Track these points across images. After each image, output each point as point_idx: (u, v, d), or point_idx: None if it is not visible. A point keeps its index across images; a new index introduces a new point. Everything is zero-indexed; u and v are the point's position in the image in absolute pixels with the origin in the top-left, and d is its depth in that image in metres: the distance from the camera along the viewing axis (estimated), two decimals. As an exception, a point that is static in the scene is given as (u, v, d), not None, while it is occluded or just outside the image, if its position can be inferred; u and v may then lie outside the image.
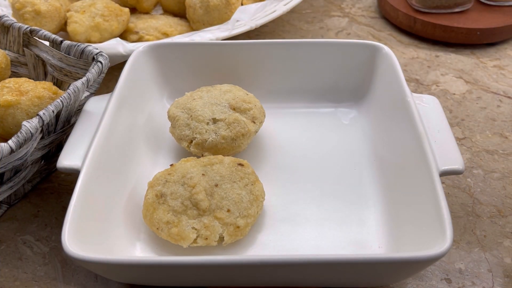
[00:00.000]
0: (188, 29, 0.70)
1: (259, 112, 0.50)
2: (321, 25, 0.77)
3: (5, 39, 0.55)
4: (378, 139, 0.51)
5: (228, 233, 0.41)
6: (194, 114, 0.49)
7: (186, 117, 0.49)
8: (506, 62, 0.68)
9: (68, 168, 0.42)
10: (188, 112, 0.49)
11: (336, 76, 0.56)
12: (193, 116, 0.49)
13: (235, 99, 0.50)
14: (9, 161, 0.41)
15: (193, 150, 0.48)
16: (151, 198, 0.42)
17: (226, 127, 0.48)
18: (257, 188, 0.43)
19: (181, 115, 0.49)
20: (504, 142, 0.55)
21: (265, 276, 0.36)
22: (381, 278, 0.38)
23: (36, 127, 0.41)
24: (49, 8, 0.62)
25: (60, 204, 0.49)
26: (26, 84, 0.47)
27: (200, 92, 0.52)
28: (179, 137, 0.49)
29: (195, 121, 0.48)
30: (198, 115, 0.48)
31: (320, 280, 0.37)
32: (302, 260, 0.33)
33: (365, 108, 0.55)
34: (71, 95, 0.44)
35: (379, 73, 0.53)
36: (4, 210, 0.48)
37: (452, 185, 0.50)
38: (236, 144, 0.48)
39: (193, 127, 0.48)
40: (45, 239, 0.46)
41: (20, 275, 0.43)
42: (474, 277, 0.42)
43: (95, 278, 0.42)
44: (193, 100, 0.50)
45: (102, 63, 0.48)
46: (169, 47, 0.55)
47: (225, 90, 0.51)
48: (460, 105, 0.61)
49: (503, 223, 0.46)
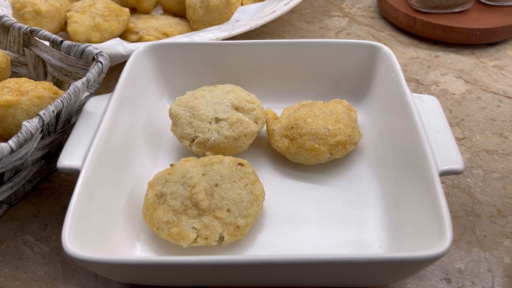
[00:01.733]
0: (188, 29, 0.70)
1: (261, 113, 0.50)
2: (321, 25, 0.77)
3: (5, 39, 0.55)
4: (378, 139, 0.51)
5: (228, 233, 0.41)
6: (196, 112, 0.48)
7: (188, 116, 0.49)
8: (506, 62, 0.68)
9: (68, 168, 0.42)
10: (191, 111, 0.49)
11: (336, 76, 0.56)
12: (196, 114, 0.48)
13: (238, 99, 0.50)
14: (9, 161, 0.41)
15: (194, 149, 0.48)
16: (151, 198, 0.42)
17: (229, 126, 0.47)
18: (257, 188, 0.43)
19: (183, 113, 0.49)
20: (504, 142, 0.55)
21: (265, 276, 0.36)
22: (381, 278, 0.38)
23: (36, 127, 0.41)
24: (49, 8, 0.62)
25: (60, 204, 0.49)
26: (26, 84, 0.47)
27: (202, 91, 0.51)
28: (181, 135, 0.49)
29: (197, 119, 0.48)
30: (200, 113, 0.48)
31: (320, 280, 0.37)
32: (302, 260, 0.34)
33: (365, 108, 0.55)
34: (71, 95, 0.44)
35: (379, 73, 0.53)
36: (4, 210, 0.48)
37: (452, 185, 0.50)
38: (238, 144, 0.48)
39: (196, 125, 0.48)
40: (45, 239, 0.46)
41: (20, 275, 0.43)
42: (474, 277, 0.42)
43: (95, 278, 0.42)
44: (196, 98, 0.50)
45: (102, 63, 0.48)
46: (169, 47, 0.55)
47: (228, 90, 0.51)
48: (460, 105, 0.61)
49: (503, 223, 0.46)
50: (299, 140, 0.47)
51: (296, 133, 0.48)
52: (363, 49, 0.54)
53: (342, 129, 0.48)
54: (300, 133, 0.48)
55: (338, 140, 0.47)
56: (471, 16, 0.71)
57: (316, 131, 0.47)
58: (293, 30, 0.77)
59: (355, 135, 0.49)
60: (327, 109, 0.49)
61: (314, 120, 0.48)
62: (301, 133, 0.48)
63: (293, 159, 0.48)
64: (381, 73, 0.53)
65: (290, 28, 0.77)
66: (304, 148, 0.47)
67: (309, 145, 0.47)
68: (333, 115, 0.49)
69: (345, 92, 0.56)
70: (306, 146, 0.47)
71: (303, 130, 0.48)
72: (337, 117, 0.49)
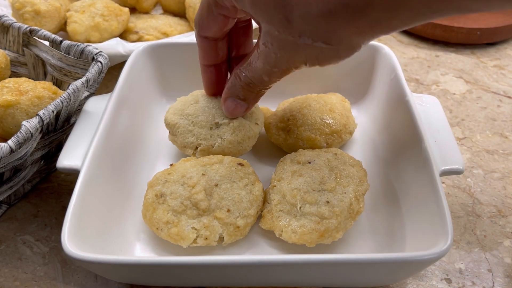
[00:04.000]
0: (188, 28, 0.70)
1: (260, 113, 0.50)
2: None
3: (4, 39, 0.55)
4: (378, 139, 0.51)
5: (228, 233, 0.41)
6: (195, 119, 0.47)
7: (187, 124, 0.47)
8: (506, 62, 0.68)
9: (68, 168, 0.42)
10: (189, 118, 0.47)
11: (336, 76, 0.56)
12: (195, 121, 0.47)
13: None
14: (9, 161, 0.41)
15: (199, 157, 0.47)
16: (151, 198, 0.42)
17: (231, 131, 0.46)
18: (257, 188, 0.43)
19: (182, 122, 0.47)
20: (504, 142, 0.55)
21: (265, 276, 0.36)
22: (381, 278, 0.38)
23: (36, 127, 0.41)
24: (49, 8, 0.62)
25: (59, 204, 0.49)
26: (25, 84, 0.47)
27: (195, 96, 0.50)
28: (183, 144, 0.47)
29: (197, 127, 0.47)
30: (199, 120, 0.47)
31: (320, 280, 0.37)
32: (302, 261, 0.33)
33: (365, 108, 0.55)
34: (71, 95, 0.44)
35: (379, 73, 0.53)
36: (4, 210, 0.48)
37: (452, 185, 0.50)
38: (242, 147, 0.47)
39: (197, 133, 0.46)
40: (44, 239, 0.46)
41: (20, 275, 0.43)
42: (474, 277, 0.42)
43: (95, 278, 0.42)
44: (190, 105, 0.48)
45: (102, 63, 0.48)
46: (169, 47, 0.55)
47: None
48: (460, 105, 0.61)
49: (503, 223, 0.46)
50: (296, 131, 0.48)
51: (292, 124, 0.49)
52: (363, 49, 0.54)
53: (337, 118, 0.49)
54: (296, 124, 0.48)
55: (334, 130, 0.48)
56: (471, 15, 0.71)
57: (312, 121, 0.48)
58: (293, 30, 0.76)
59: (350, 124, 0.50)
60: (321, 100, 0.51)
61: (309, 111, 0.49)
62: (297, 124, 0.48)
63: (290, 150, 0.49)
64: (381, 73, 0.53)
65: (290, 28, 0.77)
66: (301, 138, 0.48)
67: (305, 136, 0.48)
68: (327, 105, 0.50)
69: (345, 92, 0.56)
70: (303, 137, 0.48)
71: (299, 122, 0.48)
72: (331, 107, 0.50)
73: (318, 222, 0.39)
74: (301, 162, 0.43)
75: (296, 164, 0.44)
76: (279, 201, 0.41)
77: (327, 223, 0.39)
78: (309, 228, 0.39)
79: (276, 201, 0.41)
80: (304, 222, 0.39)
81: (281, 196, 0.41)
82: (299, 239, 0.39)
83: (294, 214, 0.40)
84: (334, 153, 0.45)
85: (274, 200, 0.42)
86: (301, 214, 0.40)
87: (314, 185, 0.41)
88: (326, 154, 0.44)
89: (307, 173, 0.42)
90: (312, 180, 0.41)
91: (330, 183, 0.41)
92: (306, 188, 0.40)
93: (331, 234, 0.39)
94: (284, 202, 0.41)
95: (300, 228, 0.39)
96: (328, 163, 0.43)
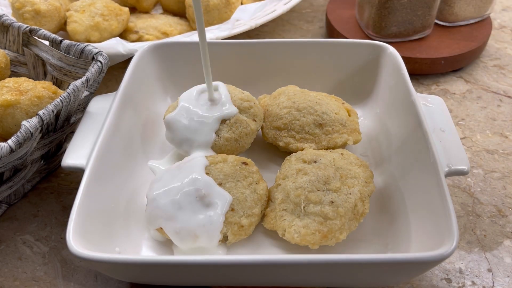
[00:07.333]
0: (188, 28, 0.70)
1: (259, 110, 0.50)
2: (321, 25, 0.77)
3: (4, 39, 0.55)
4: (383, 139, 0.51)
5: (232, 232, 0.41)
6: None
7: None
8: (506, 61, 0.68)
9: (73, 166, 0.42)
10: None
11: (341, 76, 0.56)
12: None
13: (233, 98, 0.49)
14: (8, 161, 0.41)
15: None
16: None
17: (228, 128, 0.47)
18: (261, 187, 0.43)
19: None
20: (504, 142, 0.55)
21: (268, 276, 0.36)
22: (385, 279, 0.38)
23: (36, 127, 0.41)
24: (49, 8, 0.62)
25: (59, 204, 0.49)
26: (25, 84, 0.47)
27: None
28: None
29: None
30: None
31: (324, 280, 0.37)
32: (306, 261, 0.33)
33: (369, 108, 0.55)
34: (71, 94, 0.44)
35: (383, 73, 0.53)
36: (4, 210, 0.48)
37: (452, 184, 0.50)
38: (240, 144, 0.47)
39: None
40: (44, 238, 0.45)
41: (20, 274, 0.43)
42: (474, 277, 0.42)
43: (94, 277, 0.42)
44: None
45: (102, 63, 0.48)
46: (173, 46, 0.55)
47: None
48: (460, 105, 0.61)
49: (503, 223, 0.46)
50: (290, 130, 0.48)
51: (283, 123, 0.49)
52: (368, 49, 0.54)
53: (332, 107, 0.49)
54: (287, 123, 0.48)
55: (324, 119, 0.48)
56: (432, 43, 0.67)
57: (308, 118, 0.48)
58: (293, 29, 0.76)
59: (341, 108, 0.50)
60: (311, 96, 0.50)
61: (301, 108, 0.49)
62: (286, 123, 0.48)
63: (286, 149, 0.49)
64: (386, 73, 0.52)
65: (290, 27, 0.77)
66: (295, 137, 0.48)
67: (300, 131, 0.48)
68: (318, 97, 0.50)
69: (350, 92, 0.56)
70: (296, 135, 0.48)
71: (288, 119, 0.48)
72: (320, 101, 0.50)
73: (322, 222, 0.39)
74: (307, 161, 0.43)
75: (301, 162, 0.43)
76: (283, 200, 0.41)
77: (330, 224, 0.39)
78: (312, 229, 0.39)
79: (280, 200, 0.41)
80: (308, 222, 0.39)
81: (285, 194, 0.41)
82: (302, 240, 0.39)
83: (298, 214, 0.40)
84: (341, 153, 0.45)
85: (278, 199, 0.42)
86: (304, 213, 0.40)
87: (318, 184, 0.40)
88: (332, 154, 0.44)
89: (312, 172, 0.41)
90: (317, 179, 0.41)
91: (335, 183, 0.41)
92: (311, 187, 0.40)
93: (335, 235, 0.39)
94: (288, 201, 0.41)
95: (303, 229, 0.39)
96: (334, 162, 0.43)
